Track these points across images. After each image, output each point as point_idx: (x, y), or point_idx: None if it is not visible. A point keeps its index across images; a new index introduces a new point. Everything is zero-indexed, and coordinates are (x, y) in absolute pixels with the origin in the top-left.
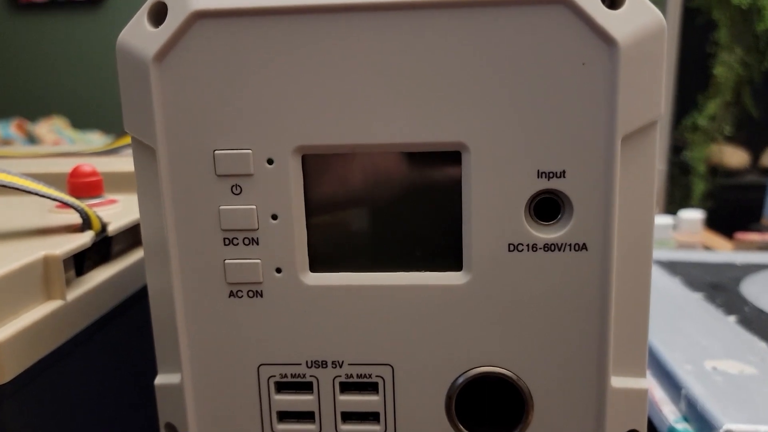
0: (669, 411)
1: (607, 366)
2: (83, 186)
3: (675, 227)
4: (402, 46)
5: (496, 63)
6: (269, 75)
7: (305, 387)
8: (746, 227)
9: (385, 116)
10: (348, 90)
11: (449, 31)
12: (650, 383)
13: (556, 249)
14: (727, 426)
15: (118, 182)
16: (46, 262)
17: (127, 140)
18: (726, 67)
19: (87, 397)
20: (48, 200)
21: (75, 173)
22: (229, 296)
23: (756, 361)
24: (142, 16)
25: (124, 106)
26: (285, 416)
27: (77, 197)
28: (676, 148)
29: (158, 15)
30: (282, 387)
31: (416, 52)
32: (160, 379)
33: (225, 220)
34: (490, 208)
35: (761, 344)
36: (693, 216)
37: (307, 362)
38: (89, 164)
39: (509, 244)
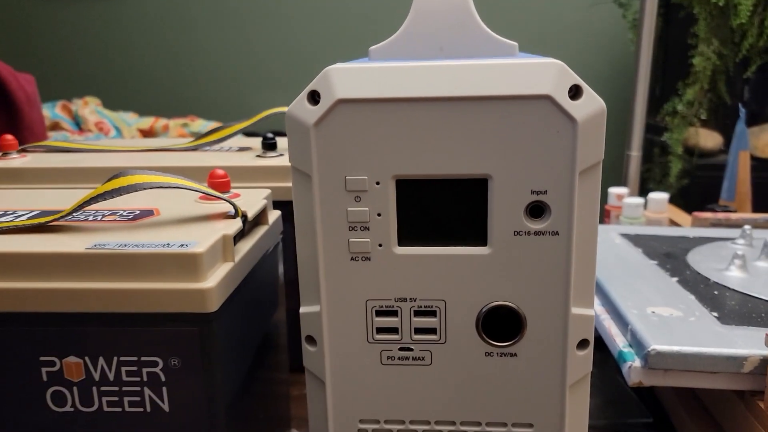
0: (620, 341)
1: (569, 301)
2: (220, 185)
3: (646, 206)
4: (457, 121)
5: (509, 131)
6: (380, 134)
7: (393, 314)
8: (703, 207)
9: (445, 158)
10: (425, 143)
11: (480, 112)
12: (608, 323)
13: (541, 234)
14: (653, 347)
15: (201, 174)
16: (224, 239)
17: (205, 140)
18: (703, 57)
19: (246, 319)
20: (188, 192)
21: (213, 175)
22: (351, 260)
23: (683, 308)
24: (303, 98)
25: (290, 150)
26: (380, 330)
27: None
28: (658, 130)
29: (314, 98)
30: (379, 313)
31: (467, 125)
32: (303, 309)
33: (350, 217)
34: (503, 209)
35: (691, 297)
36: (660, 196)
37: (394, 298)
38: (222, 169)
39: (514, 231)
